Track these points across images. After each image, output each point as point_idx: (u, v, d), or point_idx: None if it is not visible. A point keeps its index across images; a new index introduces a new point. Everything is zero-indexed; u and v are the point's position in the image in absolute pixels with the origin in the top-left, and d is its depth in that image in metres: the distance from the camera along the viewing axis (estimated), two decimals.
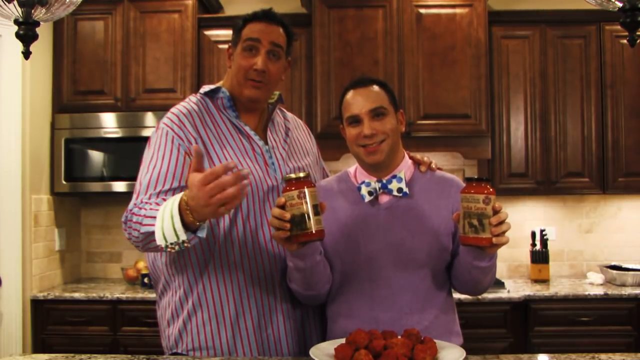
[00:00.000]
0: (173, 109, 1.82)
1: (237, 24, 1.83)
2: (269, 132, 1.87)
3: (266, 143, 1.85)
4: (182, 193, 1.49)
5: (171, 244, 1.47)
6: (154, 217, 1.52)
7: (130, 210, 1.65)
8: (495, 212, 1.49)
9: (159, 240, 1.48)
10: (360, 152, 1.71)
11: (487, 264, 1.63)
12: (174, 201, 1.48)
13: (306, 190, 1.50)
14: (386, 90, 1.74)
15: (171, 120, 1.77)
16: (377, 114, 1.69)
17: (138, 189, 1.71)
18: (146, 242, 1.58)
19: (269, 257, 1.76)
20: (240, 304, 1.74)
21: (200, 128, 1.77)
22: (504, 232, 1.50)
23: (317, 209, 1.52)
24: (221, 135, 1.78)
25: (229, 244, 1.73)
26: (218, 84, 1.88)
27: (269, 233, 1.74)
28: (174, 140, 1.73)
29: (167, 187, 1.67)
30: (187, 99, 1.87)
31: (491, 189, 1.50)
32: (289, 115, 2.04)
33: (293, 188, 1.50)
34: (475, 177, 1.50)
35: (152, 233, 1.51)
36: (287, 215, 1.49)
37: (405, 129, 1.84)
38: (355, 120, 1.71)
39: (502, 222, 1.49)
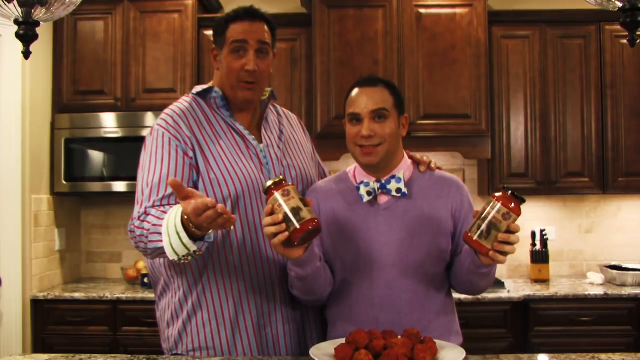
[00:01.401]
0: (166, 110, 1.81)
1: (219, 24, 1.81)
2: (263, 131, 1.87)
3: (260, 142, 1.84)
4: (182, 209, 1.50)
5: (183, 256, 1.51)
6: (159, 234, 1.53)
7: (133, 222, 1.66)
8: (509, 231, 1.49)
9: (171, 256, 1.51)
10: (357, 151, 1.72)
11: (484, 271, 1.63)
12: (176, 216, 1.49)
13: (288, 187, 1.52)
14: (392, 92, 1.73)
15: (166, 122, 1.76)
16: (378, 115, 1.69)
17: (140, 197, 1.70)
18: (155, 254, 1.62)
19: (268, 256, 1.76)
20: (240, 304, 1.74)
21: (194, 128, 1.76)
22: (505, 253, 1.50)
23: (305, 202, 1.53)
24: (216, 135, 1.78)
25: (228, 245, 1.73)
26: (210, 84, 1.88)
27: None
28: (170, 142, 1.72)
29: (169, 191, 1.66)
30: (180, 100, 1.86)
31: (518, 209, 1.49)
32: (282, 110, 2.02)
33: (274, 192, 1.51)
34: (512, 191, 1.50)
35: (161, 248, 1.53)
36: (280, 217, 1.49)
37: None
38: (356, 119, 1.71)
39: (509, 244, 1.49)
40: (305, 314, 1.83)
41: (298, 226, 1.48)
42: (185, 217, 1.46)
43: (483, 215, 1.50)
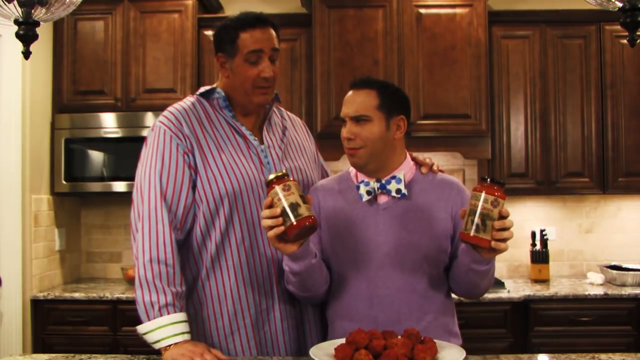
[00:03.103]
0: (169, 108, 1.83)
1: (226, 32, 1.79)
2: (265, 132, 1.88)
3: (262, 142, 1.85)
4: (178, 339, 1.63)
5: (139, 333, 1.70)
6: (147, 314, 1.67)
7: (141, 239, 1.69)
8: (502, 217, 1.49)
9: (139, 329, 1.69)
10: (346, 152, 1.75)
11: (485, 268, 1.62)
12: (162, 337, 1.64)
13: (289, 183, 1.53)
14: (381, 94, 1.73)
15: (167, 119, 1.78)
16: (357, 119, 1.71)
17: (139, 190, 1.73)
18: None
19: (266, 255, 1.77)
20: (239, 302, 1.75)
21: (196, 127, 1.78)
22: (505, 239, 1.50)
23: (305, 199, 1.53)
24: (217, 135, 1.80)
25: (226, 243, 1.75)
26: (214, 85, 1.89)
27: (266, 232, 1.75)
28: (172, 139, 1.74)
29: (168, 195, 1.70)
30: (183, 100, 1.89)
31: (502, 193, 1.50)
32: (287, 114, 2.04)
33: (275, 186, 1.52)
34: (490, 178, 1.51)
35: (139, 312, 1.70)
36: (277, 210, 1.51)
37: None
38: (343, 120, 1.75)
39: (505, 229, 1.49)
40: (303, 312, 1.84)
41: (294, 222, 1.50)
42: (166, 354, 1.62)
43: (472, 210, 1.50)
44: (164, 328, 1.64)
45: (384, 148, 1.72)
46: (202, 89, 1.88)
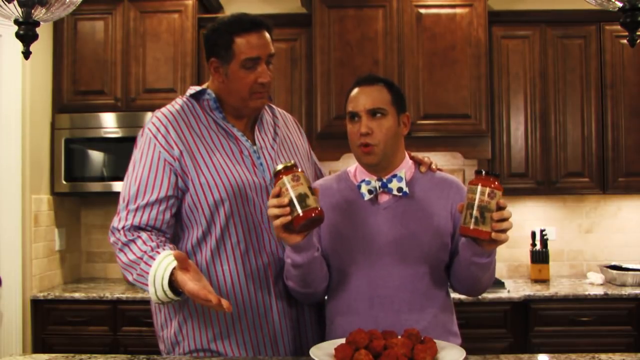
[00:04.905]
0: (157, 113, 1.81)
1: (220, 36, 1.75)
2: (257, 132, 1.86)
3: (254, 143, 1.84)
4: (172, 265, 1.55)
5: (164, 303, 1.61)
6: (145, 278, 1.60)
7: (117, 234, 1.72)
8: (500, 208, 1.50)
9: (154, 299, 1.61)
10: (358, 152, 1.73)
11: (486, 261, 1.62)
12: (165, 271, 1.55)
13: (298, 173, 1.53)
14: (391, 91, 1.74)
15: (155, 127, 1.77)
16: (375, 113, 1.70)
17: (121, 203, 1.77)
18: (136, 285, 1.69)
19: (262, 257, 1.76)
20: (235, 304, 1.74)
21: (185, 131, 1.76)
22: (505, 230, 1.51)
23: (312, 191, 1.53)
24: (207, 138, 1.78)
25: (222, 246, 1.74)
26: (204, 86, 1.87)
27: (262, 233, 1.75)
28: (155, 148, 1.74)
29: (145, 200, 1.71)
30: (173, 101, 1.86)
31: (499, 185, 1.51)
32: (277, 110, 2.02)
33: (283, 176, 1.52)
34: (485, 170, 1.52)
35: (145, 287, 1.62)
36: (285, 200, 1.50)
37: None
38: (354, 117, 1.72)
39: (504, 220, 1.50)
40: (301, 312, 1.84)
41: (301, 213, 1.49)
42: (175, 276, 1.53)
43: (470, 204, 1.51)
44: (162, 262, 1.58)
45: (394, 145, 1.73)
46: (192, 90, 1.85)
